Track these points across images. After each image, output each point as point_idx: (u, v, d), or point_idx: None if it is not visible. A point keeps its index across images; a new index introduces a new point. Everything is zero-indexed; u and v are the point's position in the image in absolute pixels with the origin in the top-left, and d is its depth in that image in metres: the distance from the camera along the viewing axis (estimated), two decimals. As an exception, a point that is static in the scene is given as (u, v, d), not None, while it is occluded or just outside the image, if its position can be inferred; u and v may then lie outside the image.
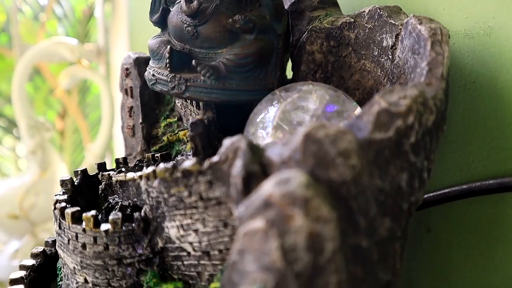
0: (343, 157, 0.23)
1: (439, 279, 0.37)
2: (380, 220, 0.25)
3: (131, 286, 0.31)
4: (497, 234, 0.33)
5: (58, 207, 0.33)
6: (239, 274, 0.22)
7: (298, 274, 0.21)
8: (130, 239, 0.31)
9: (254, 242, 0.21)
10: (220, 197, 0.27)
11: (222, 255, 0.28)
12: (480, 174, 0.33)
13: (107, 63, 1.08)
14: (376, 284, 0.26)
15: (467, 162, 0.34)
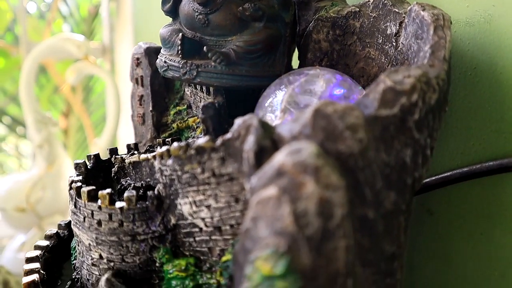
0: (351, 131, 0.25)
1: (440, 260, 0.38)
2: (385, 193, 0.26)
3: (144, 262, 0.33)
4: (496, 214, 0.34)
5: (74, 186, 0.34)
6: (252, 240, 0.23)
7: (309, 238, 0.22)
8: (144, 216, 0.32)
9: (267, 209, 0.23)
10: (232, 173, 0.28)
11: (233, 230, 0.29)
12: (481, 157, 0.34)
13: (112, 61, 1.10)
14: (382, 255, 0.27)
15: (468, 145, 0.35)
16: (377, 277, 0.27)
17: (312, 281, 0.22)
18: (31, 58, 0.81)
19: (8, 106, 1.51)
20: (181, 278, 0.31)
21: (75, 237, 0.37)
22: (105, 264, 0.33)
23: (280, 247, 0.22)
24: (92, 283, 0.34)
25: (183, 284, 0.31)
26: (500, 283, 0.34)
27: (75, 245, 0.38)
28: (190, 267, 0.31)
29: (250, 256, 0.23)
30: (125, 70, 1.10)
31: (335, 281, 0.22)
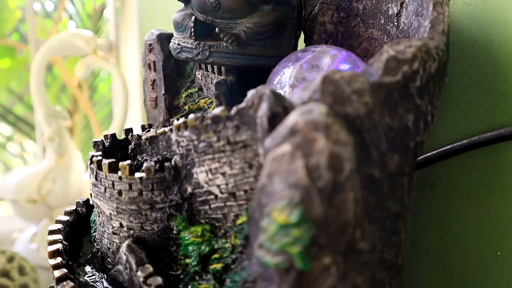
0: (357, 95, 0.27)
1: (441, 229, 0.40)
2: (390, 155, 0.28)
3: (162, 229, 0.34)
4: (494, 182, 0.36)
5: (95, 160, 0.36)
6: (268, 195, 0.25)
7: (321, 190, 0.24)
8: (162, 186, 0.34)
9: (282, 164, 0.25)
10: (246, 140, 0.30)
11: (247, 195, 0.31)
12: (479, 129, 0.36)
13: (117, 58, 1.12)
14: (387, 213, 0.29)
15: (467, 119, 0.37)
16: (383, 234, 0.29)
17: (324, 230, 0.24)
18: (40, 54, 0.83)
19: (14, 106, 1.53)
20: (197, 244, 0.33)
21: (95, 210, 0.38)
22: (125, 232, 0.35)
23: (294, 198, 0.24)
24: (113, 251, 0.36)
25: (199, 249, 0.33)
26: (498, 248, 0.36)
27: (95, 218, 0.40)
28: (206, 233, 0.33)
29: (266, 210, 0.25)
30: (130, 67, 1.12)
31: (345, 230, 0.24)
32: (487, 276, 0.37)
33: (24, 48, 1.26)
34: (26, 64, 1.34)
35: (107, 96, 1.63)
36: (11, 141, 1.65)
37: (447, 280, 0.40)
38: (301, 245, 0.24)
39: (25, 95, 1.50)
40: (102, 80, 1.65)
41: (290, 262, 0.24)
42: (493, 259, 0.36)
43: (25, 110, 1.54)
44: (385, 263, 0.29)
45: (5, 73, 1.36)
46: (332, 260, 0.24)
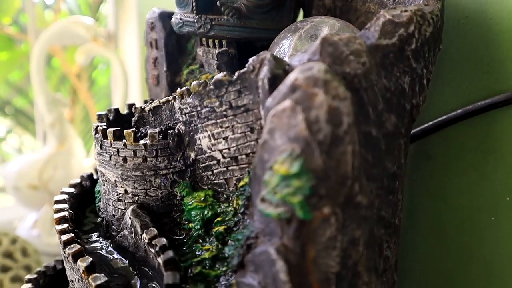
0: (355, 55, 0.28)
1: (438, 200, 0.41)
2: (386, 115, 0.29)
3: (166, 196, 0.35)
4: (488, 149, 0.37)
5: (100, 129, 0.37)
6: (269, 150, 0.26)
7: (320, 142, 0.25)
8: (166, 152, 0.35)
9: (283, 120, 0.26)
10: (247, 104, 0.31)
11: (249, 159, 0.32)
12: (474, 98, 0.37)
13: (116, 47, 1.13)
14: (384, 172, 0.30)
15: (462, 89, 0.38)
16: (380, 192, 0.30)
17: (324, 181, 0.25)
18: (41, 41, 0.84)
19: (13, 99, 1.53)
20: (200, 208, 0.34)
21: (99, 180, 0.39)
22: (130, 198, 0.36)
23: (295, 151, 0.25)
24: (118, 218, 0.37)
25: (202, 213, 0.34)
26: (492, 213, 0.37)
27: (99, 188, 0.41)
28: (208, 198, 0.34)
29: (267, 165, 0.26)
30: (129, 56, 1.13)
31: (344, 183, 0.25)
32: (482, 241, 0.38)
33: (24, 38, 1.27)
34: (25, 56, 1.35)
35: (105, 89, 1.64)
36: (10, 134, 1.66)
37: (443, 249, 0.41)
38: (302, 195, 0.25)
39: (25, 88, 1.51)
40: (101, 72, 1.66)
41: (291, 212, 0.25)
42: (488, 224, 0.37)
43: (25, 102, 1.55)
44: (383, 221, 0.30)
45: (4, 65, 1.36)
46: (331, 210, 0.25)
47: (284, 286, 0.25)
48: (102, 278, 0.30)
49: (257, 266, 0.27)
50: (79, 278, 0.33)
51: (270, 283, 0.26)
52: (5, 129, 1.68)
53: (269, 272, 0.26)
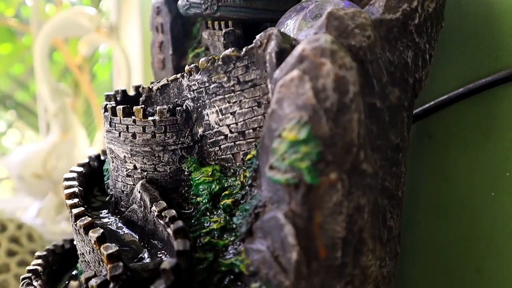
0: (360, 28, 0.28)
1: (439, 178, 0.42)
2: (390, 88, 0.30)
3: (174, 171, 0.36)
4: (488, 126, 0.38)
5: (109, 107, 0.37)
6: (278, 120, 0.27)
7: (327, 110, 0.26)
8: (174, 128, 0.36)
9: (291, 89, 0.27)
10: (255, 79, 0.32)
11: (256, 133, 0.33)
12: (474, 77, 0.38)
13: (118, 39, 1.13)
14: (388, 144, 0.31)
15: (463, 69, 0.39)
16: (384, 163, 0.31)
17: (330, 147, 0.26)
18: (44, 31, 0.84)
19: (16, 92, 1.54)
20: (208, 183, 0.35)
21: (107, 158, 0.40)
22: (138, 174, 0.37)
23: (302, 118, 0.26)
24: (127, 193, 0.38)
25: (209, 187, 0.35)
26: (492, 189, 0.38)
27: (107, 166, 0.41)
28: (216, 173, 0.35)
29: (275, 134, 0.27)
30: (131, 48, 1.13)
31: (350, 150, 0.26)
32: (482, 217, 0.39)
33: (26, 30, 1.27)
34: (27, 49, 1.35)
35: (106, 83, 1.64)
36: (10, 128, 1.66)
37: (444, 225, 0.42)
38: (309, 160, 0.25)
39: (26, 82, 1.51)
40: (101, 67, 1.67)
41: (299, 177, 0.26)
42: (488, 200, 0.38)
43: (27, 96, 1.55)
44: (387, 192, 0.31)
45: (6, 58, 1.37)
46: (338, 176, 0.26)
47: (292, 249, 0.26)
48: (114, 248, 0.31)
49: (266, 232, 0.28)
50: (90, 249, 0.34)
51: (279, 247, 0.27)
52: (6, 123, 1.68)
53: (277, 236, 0.27)
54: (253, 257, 0.28)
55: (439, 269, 0.42)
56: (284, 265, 0.27)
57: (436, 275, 0.42)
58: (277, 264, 0.27)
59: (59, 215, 0.82)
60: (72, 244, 0.46)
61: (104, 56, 1.61)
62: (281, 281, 0.27)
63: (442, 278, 0.42)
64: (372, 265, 0.29)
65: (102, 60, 1.64)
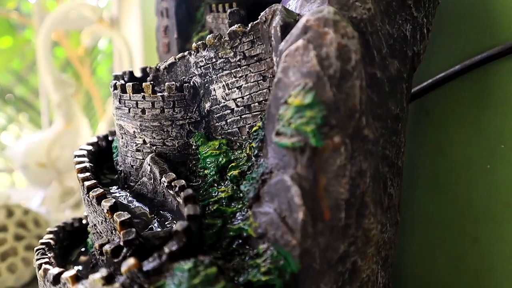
0: (361, 2, 0.30)
1: (436, 154, 0.43)
2: (390, 60, 0.32)
3: (182, 145, 0.38)
4: (484, 101, 0.39)
5: (119, 85, 0.39)
6: (283, 88, 0.29)
7: (331, 77, 0.27)
8: (182, 103, 0.37)
9: (296, 57, 0.28)
10: (260, 53, 0.34)
11: (261, 106, 0.35)
12: (470, 54, 0.40)
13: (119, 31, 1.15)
14: (388, 113, 0.32)
15: (459, 47, 0.41)
16: (385, 132, 0.32)
17: (334, 112, 0.27)
18: (48, 23, 0.86)
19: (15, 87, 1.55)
20: (215, 156, 0.36)
21: (116, 135, 0.42)
22: (148, 148, 0.38)
23: (307, 84, 0.27)
24: (136, 168, 0.39)
25: (216, 160, 0.36)
26: (488, 161, 0.39)
27: (116, 144, 0.43)
28: (222, 146, 0.36)
29: (282, 101, 0.29)
30: (132, 42, 1.14)
31: (352, 115, 0.28)
32: (478, 189, 0.40)
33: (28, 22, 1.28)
34: (27, 44, 1.36)
35: (105, 79, 1.66)
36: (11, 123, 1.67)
37: (442, 199, 0.43)
38: (314, 124, 0.27)
39: (26, 77, 1.52)
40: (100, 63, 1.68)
41: (304, 140, 0.27)
42: (483, 172, 0.40)
43: (27, 91, 1.56)
44: (387, 160, 0.33)
45: (6, 52, 1.38)
46: (341, 140, 0.27)
47: (298, 209, 0.28)
48: (126, 215, 0.33)
49: (273, 195, 0.29)
50: (103, 219, 0.35)
51: (285, 208, 0.28)
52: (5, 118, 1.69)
53: (284, 198, 0.28)
54: (260, 219, 0.30)
55: (438, 241, 0.43)
56: (291, 225, 0.28)
57: (435, 247, 0.44)
58: (284, 224, 0.28)
59: (63, 204, 0.84)
60: (81, 223, 0.47)
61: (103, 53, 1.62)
62: (288, 241, 0.28)
63: (440, 249, 0.43)
64: (373, 228, 0.30)
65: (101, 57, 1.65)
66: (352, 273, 0.29)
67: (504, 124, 0.38)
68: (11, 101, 1.54)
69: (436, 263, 0.43)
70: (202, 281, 0.26)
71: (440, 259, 0.43)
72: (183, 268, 0.27)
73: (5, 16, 1.25)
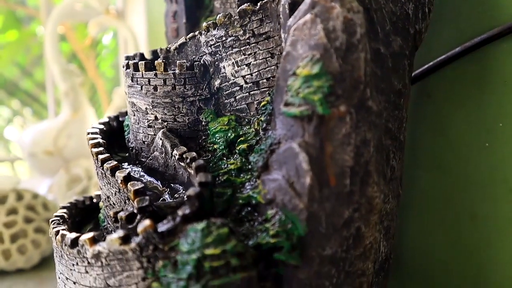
0: (366, -20, 0.31)
1: (437, 134, 0.45)
2: (393, 36, 0.33)
3: (192, 122, 0.39)
4: (484, 81, 0.41)
5: (131, 64, 0.40)
6: (292, 60, 0.30)
7: (337, 49, 0.29)
8: (193, 81, 0.38)
9: (304, 31, 0.29)
10: (269, 31, 0.35)
11: (269, 83, 0.36)
12: (470, 36, 0.41)
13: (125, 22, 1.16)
14: (391, 88, 0.34)
15: (459, 29, 0.42)
16: (388, 106, 0.34)
17: (340, 82, 0.29)
18: (55, 14, 0.87)
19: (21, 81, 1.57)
20: (224, 131, 0.38)
21: (128, 114, 0.43)
22: (159, 124, 0.40)
23: (315, 56, 0.29)
24: (148, 143, 0.41)
25: (225, 135, 0.38)
26: (487, 139, 0.41)
27: (127, 122, 0.44)
28: (231, 122, 0.38)
29: (290, 73, 0.30)
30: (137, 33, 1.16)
31: (357, 86, 0.29)
32: (477, 167, 0.41)
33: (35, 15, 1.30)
34: (33, 37, 1.38)
35: (108, 73, 1.67)
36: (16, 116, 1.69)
37: (442, 178, 0.44)
38: (321, 93, 0.28)
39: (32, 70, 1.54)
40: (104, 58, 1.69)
41: (312, 109, 0.29)
42: (483, 150, 0.41)
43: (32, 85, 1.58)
44: (390, 133, 0.34)
45: (12, 46, 1.39)
46: (346, 109, 0.29)
47: (306, 174, 0.29)
48: (140, 184, 0.34)
49: (281, 163, 0.31)
50: (116, 190, 0.37)
51: (293, 174, 0.30)
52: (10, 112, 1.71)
53: (292, 165, 0.30)
54: (269, 186, 0.31)
55: (437, 219, 0.45)
56: (299, 190, 0.29)
57: (434, 225, 0.45)
58: (292, 189, 0.30)
59: (70, 191, 0.85)
60: (91, 201, 0.49)
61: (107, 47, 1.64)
62: (296, 205, 0.30)
63: (440, 227, 0.45)
64: (377, 197, 0.32)
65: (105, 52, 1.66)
66: (356, 238, 0.31)
67: (503, 103, 0.39)
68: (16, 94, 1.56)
69: (435, 239, 0.45)
70: (215, 240, 0.28)
71: (439, 235, 0.45)
72: (196, 228, 0.28)
73: (12, 8, 1.27)
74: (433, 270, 0.45)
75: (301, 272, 0.30)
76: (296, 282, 0.30)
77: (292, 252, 0.29)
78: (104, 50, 1.66)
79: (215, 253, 0.27)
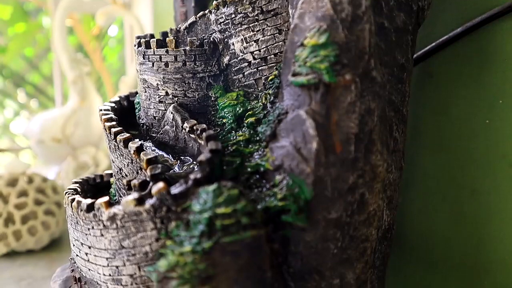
0: (371, -44, 0.33)
1: (439, 114, 0.46)
2: (397, 12, 0.35)
3: (202, 97, 0.41)
4: (484, 60, 0.42)
5: (143, 41, 0.42)
6: (299, 32, 0.32)
7: (343, 20, 0.30)
8: (203, 57, 0.40)
9: (311, 3, 0.31)
10: (277, 8, 0.36)
11: (277, 58, 0.37)
12: (471, 16, 0.42)
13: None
14: (394, 61, 0.35)
15: (461, 11, 0.43)
16: (391, 78, 0.35)
17: (346, 52, 0.30)
18: (63, 4, 0.89)
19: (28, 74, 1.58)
20: (233, 106, 0.39)
21: (139, 91, 0.44)
22: (170, 99, 0.41)
23: (322, 27, 0.30)
24: (158, 118, 0.42)
25: (234, 110, 0.39)
26: (487, 116, 0.42)
27: (138, 100, 0.46)
28: (240, 97, 0.39)
29: (298, 43, 0.31)
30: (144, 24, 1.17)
31: (362, 56, 0.30)
32: (478, 143, 0.43)
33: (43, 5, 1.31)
34: (40, 30, 1.39)
35: (115, 65, 1.69)
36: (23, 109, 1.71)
37: (444, 156, 0.46)
38: (328, 62, 0.30)
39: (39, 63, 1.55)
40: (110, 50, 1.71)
41: (319, 77, 0.30)
42: (483, 127, 0.42)
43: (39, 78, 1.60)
44: (393, 105, 0.36)
45: (20, 38, 1.41)
46: (352, 78, 0.30)
47: (312, 140, 0.30)
48: (152, 154, 0.35)
49: (288, 130, 0.32)
50: (129, 161, 0.38)
51: (300, 140, 0.31)
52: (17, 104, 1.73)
53: (299, 131, 0.31)
54: (277, 152, 0.33)
55: (439, 194, 0.46)
56: (306, 155, 0.31)
57: (436, 201, 0.46)
58: (299, 155, 0.31)
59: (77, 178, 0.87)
60: (102, 179, 0.50)
61: (114, 39, 1.65)
62: (303, 169, 0.31)
63: (442, 204, 0.46)
64: (380, 165, 0.33)
65: (111, 43, 1.68)
66: (360, 204, 0.32)
67: (503, 80, 0.40)
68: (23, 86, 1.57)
69: (437, 215, 0.46)
70: (226, 200, 0.29)
71: (441, 211, 0.46)
72: (208, 190, 0.30)
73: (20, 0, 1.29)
74: (434, 244, 0.46)
75: (308, 234, 0.31)
76: (302, 244, 0.32)
77: (299, 214, 0.31)
78: (111, 39, 1.68)
79: (226, 212, 0.28)
